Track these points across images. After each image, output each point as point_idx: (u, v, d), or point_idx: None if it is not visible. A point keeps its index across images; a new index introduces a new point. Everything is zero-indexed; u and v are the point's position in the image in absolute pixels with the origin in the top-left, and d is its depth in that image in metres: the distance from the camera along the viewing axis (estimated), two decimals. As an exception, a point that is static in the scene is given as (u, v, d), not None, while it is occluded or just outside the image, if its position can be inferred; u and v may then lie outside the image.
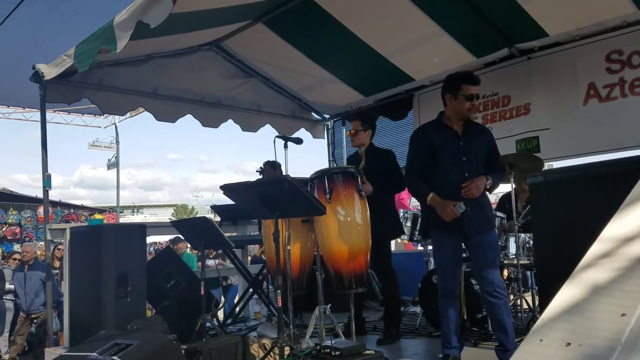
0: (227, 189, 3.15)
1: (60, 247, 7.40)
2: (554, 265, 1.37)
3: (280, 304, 3.09)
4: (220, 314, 6.27)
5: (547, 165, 4.77)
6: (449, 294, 3.26)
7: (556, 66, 4.76)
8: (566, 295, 0.94)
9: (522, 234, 4.14)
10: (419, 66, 5.55)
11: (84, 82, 5.00)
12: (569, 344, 0.83)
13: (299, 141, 3.85)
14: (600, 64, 4.50)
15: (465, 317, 4.02)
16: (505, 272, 4.48)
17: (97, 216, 14.72)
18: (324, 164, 7.19)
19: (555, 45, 4.76)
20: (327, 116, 7.08)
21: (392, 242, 6.48)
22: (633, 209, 1.13)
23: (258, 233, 5.21)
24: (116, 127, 14.26)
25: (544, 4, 4.30)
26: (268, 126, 6.55)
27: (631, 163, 1.57)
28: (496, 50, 4.99)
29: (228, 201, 3.73)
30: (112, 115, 12.50)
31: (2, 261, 9.70)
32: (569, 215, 1.78)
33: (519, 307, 4.09)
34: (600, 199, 1.37)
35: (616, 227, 1.10)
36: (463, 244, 3.33)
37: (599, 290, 0.93)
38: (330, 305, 3.49)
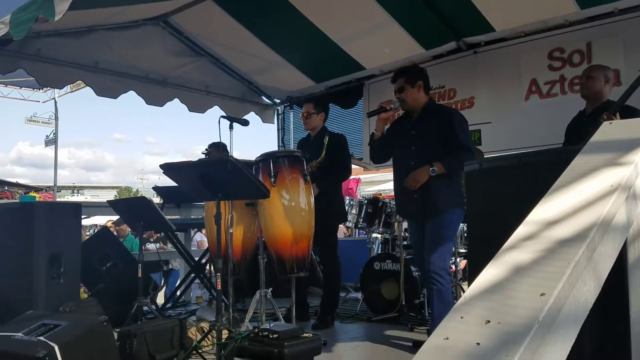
0: (168, 168, 3.05)
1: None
2: (485, 253, 1.40)
3: (219, 287, 3.04)
4: (162, 298, 6.14)
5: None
6: (423, 276, 3.65)
7: (501, 61, 4.88)
8: (488, 275, 0.96)
9: (461, 224, 4.24)
10: (370, 55, 5.57)
11: (21, 52, 4.73)
12: (488, 321, 0.84)
13: (245, 122, 3.78)
14: (543, 61, 4.64)
15: (404, 303, 4.11)
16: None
17: (32, 194, 14.04)
18: (273, 149, 7.14)
19: (500, 40, 4.87)
20: (278, 101, 7.01)
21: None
22: (557, 195, 1.16)
23: (202, 216, 5.12)
24: (55, 102, 13.59)
25: (492, -1, 4.40)
26: (216, 108, 6.42)
27: (561, 152, 1.62)
28: (444, 43, 5.07)
29: (172, 183, 3.62)
30: (51, 89, 11.90)
31: None
32: (502, 203, 1.82)
33: (454, 294, 4.20)
34: (532, 187, 1.40)
35: (541, 212, 1.12)
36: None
37: (521, 270, 0.95)
38: (271, 289, 3.48)
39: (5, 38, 4.01)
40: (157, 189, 5.39)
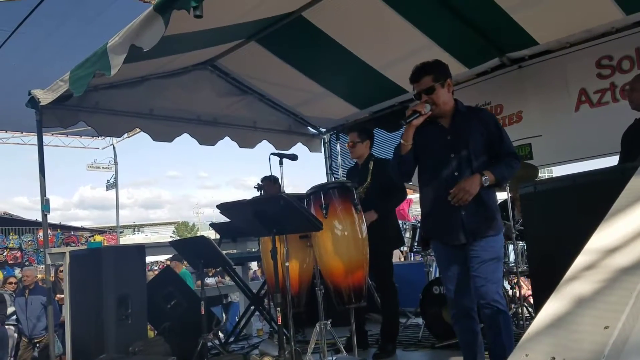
0: (224, 207, 3.17)
1: (61, 268, 7.38)
2: (548, 276, 1.39)
3: (280, 322, 3.09)
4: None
5: (545, 171, 4.81)
6: (458, 314, 2.84)
7: (547, 73, 4.80)
8: (551, 308, 0.96)
9: (521, 242, 4.15)
10: (412, 78, 5.58)
11: (80, 105, 5.03)
12: (554, 358, 0.85)
13: (294, 157, 3.87)
14: (591, 69, 4.54)
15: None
16: (507, 283, 4.46)
17: (97, 237, 14.68)
18: (322, 177, 7.24)
19: (545, 53, 4.81)
20: (324, 130, 7.12)
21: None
22: (616, 220, 1.15)
23: (258, 249, 5.22)
24: (114, 148, 14.31)
25: (533, 13, 4.35)
26: (265, 142, 6.59)
27: (616, 171, 1.59)
28: (487, 60, 5.04)
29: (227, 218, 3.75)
30: (109, 137, 12.55)
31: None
32: (560, 225, 1.79)
33: (519, 316, 4.08)
34: (590, 208, 1.39)
35: (600, 239, 1.11)
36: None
37: (583, 302, 0.95)
38: (331, 320, 3.49)
39: (66, 94, 4.32)
40: (213, 225, 5.55)
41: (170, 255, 8.80)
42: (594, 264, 1.04)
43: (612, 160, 3.94)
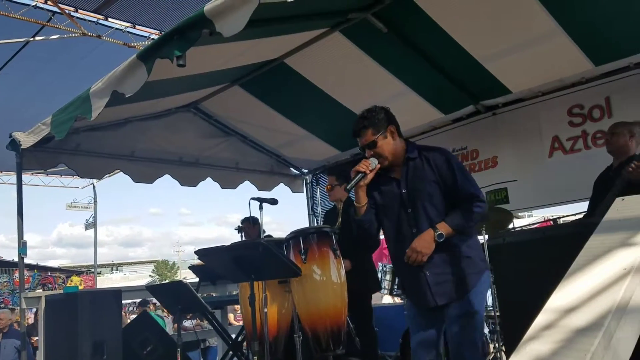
0: (202, 253, 3.17)
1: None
2: (518, 327, 1.43)
3: (257, 369, 3.06)
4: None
5: (525, 215, 4.90)
6: None
7: (521, 121, 4.96)
8: (511, 369, 1.00)
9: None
10: (391, 122, 5.71)
11: (61, 147, 5.02)
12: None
13: (274, 202, 3.92)
14: (563, 117, 4.71)
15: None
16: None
17: (74, 279, 14.37)
18: (304, 216, 7.27)
19: (519, 101, 4.97)
20: (305, 171, 7.19)
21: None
22: (574, 279, 1.21)
23: (237, 292, 5.17)
24: (94, 188, 14.19)
25: (506, 63, 4.51)
26: (247, 182, 6.62)
27: (581, 226, 1.66)
28: (462, 107, 5.20)
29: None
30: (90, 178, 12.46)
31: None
32: (529, 277, 1.85)
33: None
34: (557, 261, 1.44)
35: (559, 298, 1.16)
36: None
37: (541, 363, 0.99)
38: (309, 367, 3.46)
39: (47, 137, 4.32)
40: (193, 268, 5.50)
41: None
42: (552, 324, 1.08)
43: (585, 205, 4.03)
